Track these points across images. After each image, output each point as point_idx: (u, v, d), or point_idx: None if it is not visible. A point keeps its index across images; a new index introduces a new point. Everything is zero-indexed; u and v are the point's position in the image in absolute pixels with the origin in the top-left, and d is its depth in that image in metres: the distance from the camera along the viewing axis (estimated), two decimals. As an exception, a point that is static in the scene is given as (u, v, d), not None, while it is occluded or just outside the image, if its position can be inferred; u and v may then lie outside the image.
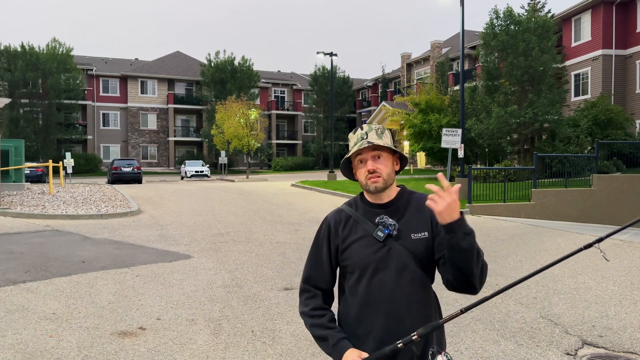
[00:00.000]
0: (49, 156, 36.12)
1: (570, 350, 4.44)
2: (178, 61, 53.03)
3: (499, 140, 21.85)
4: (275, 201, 17.47)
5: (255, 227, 11.66)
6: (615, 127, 21.11)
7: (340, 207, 2.04)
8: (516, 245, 9.56)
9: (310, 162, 50.06)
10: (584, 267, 7.37)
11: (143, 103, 49.14)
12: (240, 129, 36.19)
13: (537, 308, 5.61)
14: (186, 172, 36.38)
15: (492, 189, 15.31)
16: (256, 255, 8.50)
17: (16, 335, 4.69)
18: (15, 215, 13.05)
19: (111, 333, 4.78)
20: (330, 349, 1.87)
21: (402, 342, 1.72)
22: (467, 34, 32.80)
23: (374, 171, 1.88)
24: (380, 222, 1.89)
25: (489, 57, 22.58)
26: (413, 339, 1.71)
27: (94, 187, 22.33)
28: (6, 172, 19.35)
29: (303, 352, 4.35)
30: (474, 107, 23.59)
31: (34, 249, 8.83)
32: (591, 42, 26.80)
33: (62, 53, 43.06)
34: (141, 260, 8.06)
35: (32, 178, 27.74)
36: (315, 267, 2.01)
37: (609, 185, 15.26)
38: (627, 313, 5.44)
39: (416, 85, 38.94)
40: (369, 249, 1.87)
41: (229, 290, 6.32)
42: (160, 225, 11.97)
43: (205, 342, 4.57)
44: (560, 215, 14.47)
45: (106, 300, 5.86)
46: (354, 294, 1.91)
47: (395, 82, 49.23)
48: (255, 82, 48.36)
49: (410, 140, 26.76)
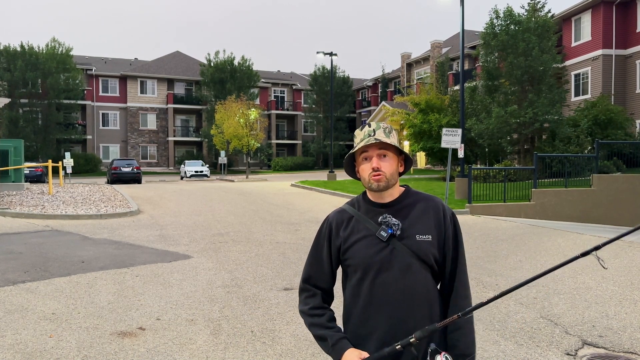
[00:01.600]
0: (48, 156, 36.09)
1: (570, 350, 4.43)
2: (177, 61, 53.02)
3: (499, 140, 21.85)
4: (275, 201, 17.46)
5: (255, 227, 11.65)
6: (615, 127, 21.12)
7: (342, 207, 2.02)
8: (516, 245, 9.55)
9: (310, 162, 50.05)
10: (584, 268, 7.36)
11: (142, 103, 49.14)
12: (240, 129, 36.19)
13: (537, 308, 5.60)
14: (186, 172, 36.37)
15: (492, 189, 15.31)
16: (256, 255, 8.50)
17: (16, 336, 4.69)
18: (14, 215, 13.04)
19: (111, 333, 4.78)
20: (329, 349, 1.87)
21: (400, 345, 1.71)
22: (467, 34, 32.81)
23: (377, 169, 1.86)
24: (384, 222, 1.87)
25: (489, 57, 22.58)
26: (411, 342, 1.70)
27: (94, 187, 22.32)
28: (5, 172, 19.34)
29: (303, 353, 4.34)
30: (474, 107, 23.59)
31: (33, 249, 8.83)
32: (591, 42, 26.80)
33: (61, 53, 43.06)
34: (141, 260, 8.06)
35: (31, 178, 27.73)
36: (316, 267, 2.00)
37: (609, 185, 15.26)
38: (627, 313, 5.44)
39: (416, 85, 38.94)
40: (372, 248, 1.86)
41: (228, 290, 6.31)
42: (160, 225, 11.96)
43: (204, 343, 4.56)
44: (560, 216, 14.47)
45: (106, 300, 5.86)
46: (356, 294, 1.90)
47: (395, 82, 49.25)
48: (255, 82, 48.37)
49: (410, 140, 26.77)
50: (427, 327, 1.72)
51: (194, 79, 50.27)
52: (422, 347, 1.78)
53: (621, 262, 7.87)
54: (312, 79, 52.80)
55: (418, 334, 1.70)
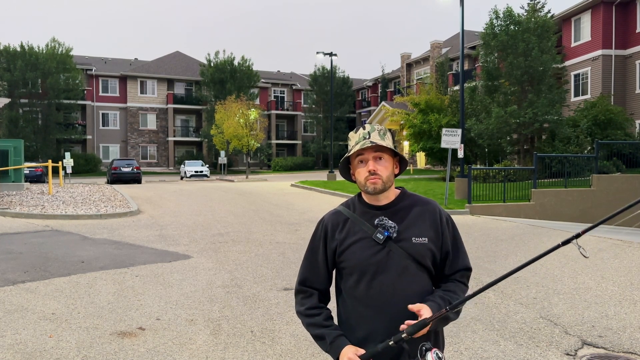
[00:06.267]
0: (48, 156, 36.10)
1: (570, 350, 4.43)
2: (177, 61, 53.02)
3: (499, 141, 21.86)
4: (275, 201, 17.46)
5: (254, 227, 11.65)
6: (615, 127, 21.11)
7: (337, 209, 2.02)
8: (516, 245, 9.55)
9: (310, 162, 50.05)
10: (584, 268, 7.37)
11: (142, 103, 49.13)
12: (240, 129, 36.18)
13: (537, 308, 5.61)
14: (186, 172, 36.37)
15: (491, 189, 15.31)
16: (256, 255, 8.50)
17: (15, 336, 4.69)
18: (14, 215, 13.04)
19: (110, 333, 4.78)
20: (327, 347, 1.88)
21: (393, 340, 1.72)
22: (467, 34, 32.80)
23: (374, 172, 1.86)
24: (380, 224, 1.88)
25: (489, 57, 22.59)
26: (403, 337, 1.71)
27: (94, 187, 22.32)
28: (5, 172, 19.34)
29: (303, 353, 4.34)
30: (473, 107, 23.60)
31: (33, 249, 8.82)
32: (591, 42, 26.80)
33: (61, 53, 43.04)
34: (140, 260, 8.06)
35: (31, 178, 27.73)
36: (311, 269, 2.00)
37: (608, 185, 15.26)
38: (626, 313, 5.44)
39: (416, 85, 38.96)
40: (368, 251, 1.86)
41: (228, 290, 6.31)
42: (160, 225, 11.96)
43: (204, 343, 4.56)
44: (560, 216, 14.47)
45: (105, 300, 5.86)
46: (353, 296, 1.90)
47: (395, 82, 49.23)
48: (254, 82, 48.36)
49: (410, 140, 26.77)
50: (418, 321, 1.72)
51: (194, 79, 50.26)
52: (415, 343, 1.79)
53: (621, 263, 7.87)
54: (312, 79, 52.79)
55: (409, 329, 1.71)
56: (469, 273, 1.97)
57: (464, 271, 1.95)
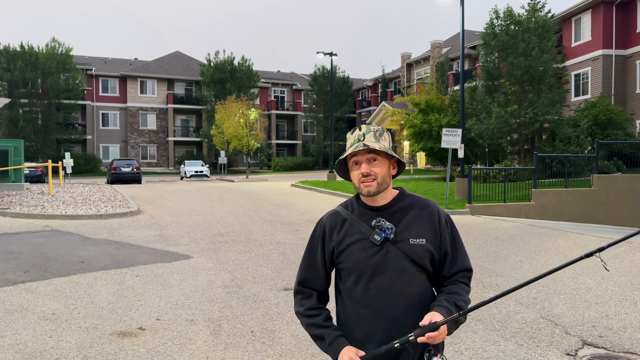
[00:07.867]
0: (48, 156, 36.08)
1: (570, 350, 4.43)
2: (177, 61, 53.01)
3: (499, 141, 21.84)
4: (275, 201, 17.45)
5: (255, 227, 11.65)
6: (615, 127, 21.11)
7: (335, 209, 2.02)
8: (516, 245, 9.54)
9: (310, 162, 50.05)
10: (584, 268, 7.36)
11: (142, 103, 49.12)
12: (240, 129, 36.17)
13: (537, 308, 5.60)
14: (186, 172, 36.37)
15: (492, 189, 15.30)
16: (256, 255, 8.49)
17: (15, 336, 4.68)
18: (14, 216, 13.03)
19: (111, 333, 4.77)
20: (326, 347, 1.88)
21: (399, 342, 1.71)
22: (467, 34, 32.80)
23: (367, 174, 1.85)
24: (377, 226, 1.87)
25: (489, 57, 22.58)
26: (410, 340, 1.70)
27: (94, 187, 22.31)
28: (5, 172, 19.34)
29: (303, 353, 4.34)
30: (474, 107, 23.59)
31: (33, 249, 8.82)
32: (591, 42, 26.80)
33: (61, 53, 43.05)
34: (141, 260, 8.05)
35: (31, 178, 27.73)
36: (310, 270, 2.00)
37: (609, 185, 15.25)
38: (627, 313, 5.43)
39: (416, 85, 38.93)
40: (366, 252, 1.86)
41: (228, 290, 6.31)
42: (160, 225, 11.96)
43: (204, 343, 4.56)
44: (560, 216, 14.46)
45: (106, 300, 5.85)
46: (351, 297, 1.90)
47: (395, 82, 49.23)
48: (255, 82, 48.36)
49: (410, 140, 26.76)
50: (427, 325, 1.71)
51: (194, 79, 50.25)
52: (419, 347, 1.78)
53: (621, 263, 7.87)
54: (312, 79, 52.79)
55: (418, 331, 1.70)
56: (469, 274, 1.95)
57: (464, 272, 1.94)
